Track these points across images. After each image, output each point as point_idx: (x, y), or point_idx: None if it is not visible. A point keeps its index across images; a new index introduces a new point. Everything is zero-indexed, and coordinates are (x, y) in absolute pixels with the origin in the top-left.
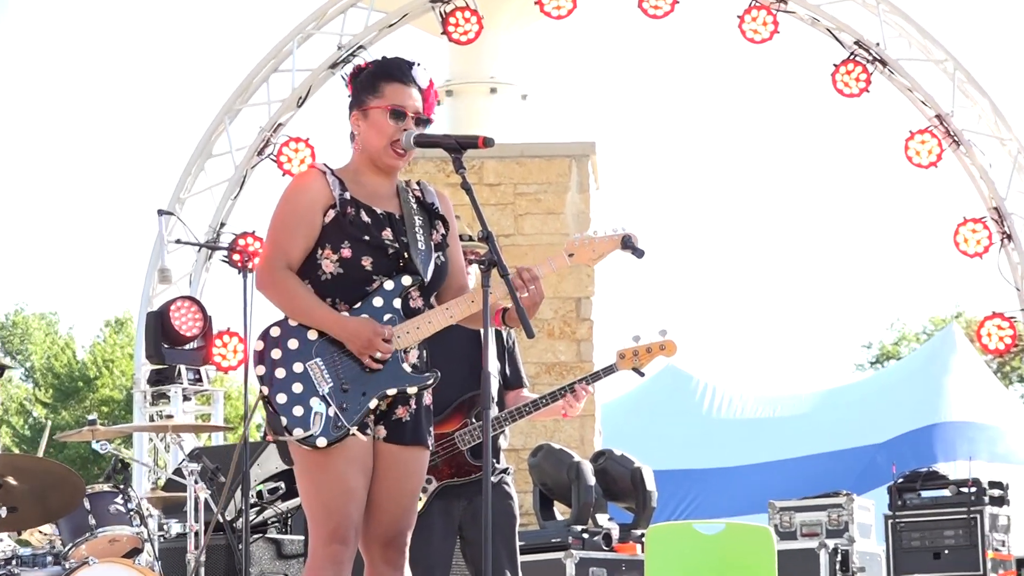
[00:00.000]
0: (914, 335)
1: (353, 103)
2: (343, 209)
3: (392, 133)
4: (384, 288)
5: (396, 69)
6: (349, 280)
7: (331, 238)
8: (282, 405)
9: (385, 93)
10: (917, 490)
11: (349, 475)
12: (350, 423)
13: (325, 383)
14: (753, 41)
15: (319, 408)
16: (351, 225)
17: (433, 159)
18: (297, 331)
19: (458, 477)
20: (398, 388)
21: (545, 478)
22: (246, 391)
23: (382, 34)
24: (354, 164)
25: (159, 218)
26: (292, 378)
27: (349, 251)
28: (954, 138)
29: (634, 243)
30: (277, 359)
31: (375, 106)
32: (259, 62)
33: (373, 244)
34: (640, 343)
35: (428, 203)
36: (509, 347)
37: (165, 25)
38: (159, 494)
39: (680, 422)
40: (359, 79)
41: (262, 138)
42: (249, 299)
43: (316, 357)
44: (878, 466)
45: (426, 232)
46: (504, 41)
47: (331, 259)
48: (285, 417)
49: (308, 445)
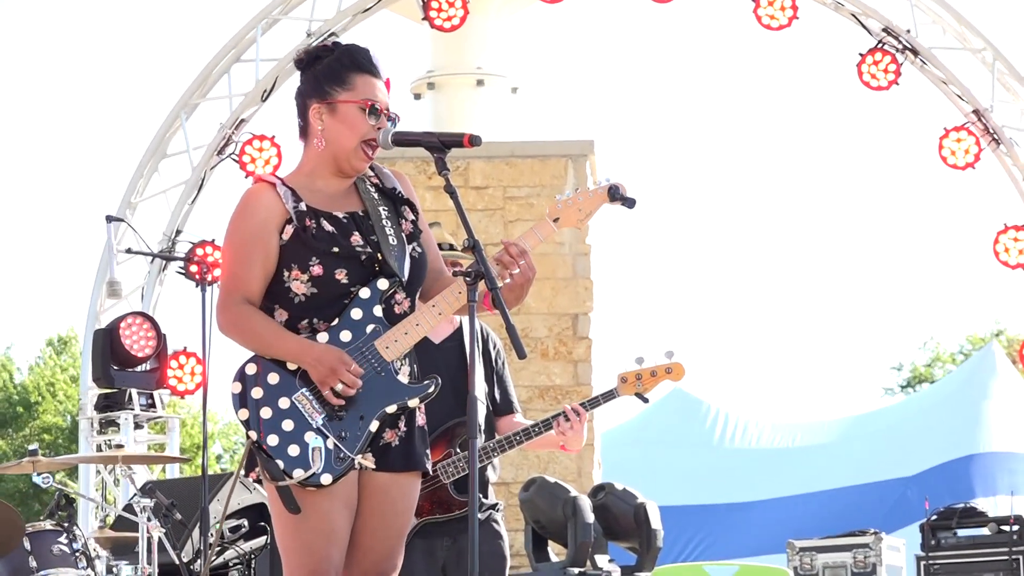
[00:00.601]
0: (949, 355)
1: (312, 93)
2: (301, 223)
3: (366, 131)
4: (360, 297)
5: (365, 59)
6: (325, 298)
7: (296, 257)
8: (275, 447)
9: (356, 85)
10: (953, 528)
11: (333, 513)
12: (353, 452)
13: (317, 414)
14: (770, 28)
15: (316, 443)
16: (315, 239)
17: (413, 159)
18: (275, 364)
19: (441, 513)
20: (398, 403)
21: (538, 515)
22: (205, 418)
23: (356, 20)
24: (308, 166)
25: (107, 225)
26: (280, 416)
27: (320, 267)
28: (993, 136)
29: (623, 193)
30: (259, 398)
31: (346, 100)
32: (219, 51)
33: (344, 254)
34: (644, 366)
35: (389, 188)
36: (498, 369)
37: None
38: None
39: (689, 452)
40: (321, 67)
41: (222, 136)
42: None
43: (302, 388)
44: (909, 501)
45: (394, 223)
46: (492, 28)
47: (301, 280)
48: (282, 460)
49: (312, 485)
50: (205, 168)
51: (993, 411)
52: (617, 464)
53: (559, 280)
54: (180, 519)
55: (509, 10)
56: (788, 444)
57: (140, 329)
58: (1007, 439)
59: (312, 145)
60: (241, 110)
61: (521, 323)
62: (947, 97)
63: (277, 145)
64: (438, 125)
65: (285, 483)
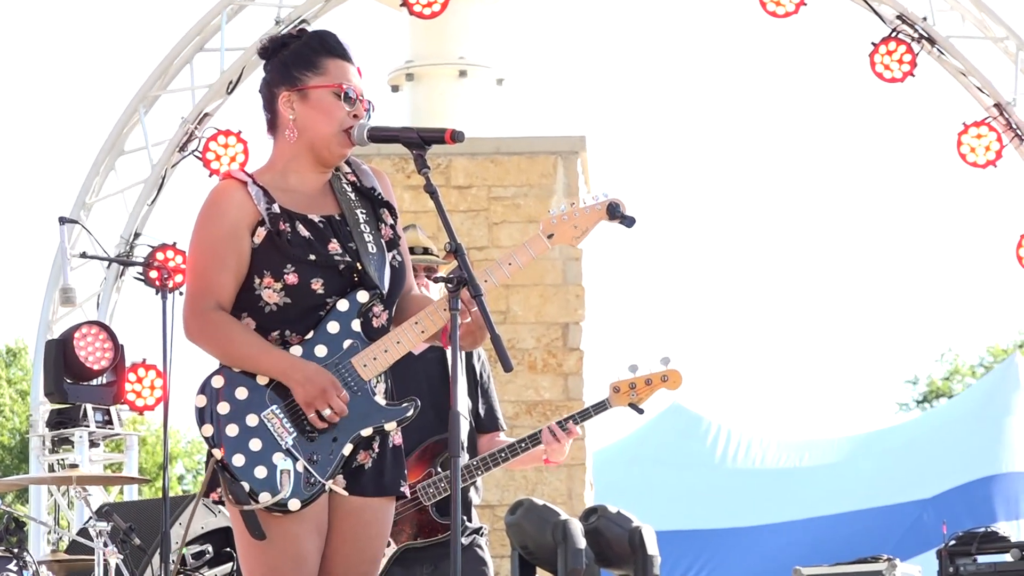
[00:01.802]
0: (969, 368)
1: (281, 80)
2: (275, 226)
3: (343, 119)
4: (338, 310)
5: (335, 42)
6: (299, 309)
7: (269, 263)
8: (241, 468)
9: (329, 70)
10: (972, 554)
11: (302, 537)
12: (324, 476)
13: (287, 434)
14: (775, 15)
15: (285, 465)
16: (290, 245)
17: (391, 156)
18: (243, 378)
19: (421, 538)
20: (374, 426)
21: (526, 539)
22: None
23: (329, 6)
24: (281, 161)
25: (60, 227)
26: (247, 434)
27: (295, 276)
28: (1016, 131)
29: (622, 211)
30: (225, 414)
31: (318, 85)
32: (181, 39)
33: (321, 263)
34: (638, 374)
35: (367, 188)
36: (483, 382)
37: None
38: (61, 558)
39: (688, 473)
40: (288, 53)
41: (184, 131)
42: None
43: (271, 405)
44: (925, 525)
45: (373, 229)
46: (476, 15)
47: (274, 288)
48: (247, 482)
49: (279, 510)
50: (165, 166)
51: (1016, 428)
52: (610, 485)
53: (548, 287)
54: (139, 544)
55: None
56: (795, 464)
57: (96, 339)
58: None
59: (283, 138)
60: (205, 103)
61: (507, 333)
62: (966, 90)
63: (243, 141)
64: (417, 119)
65: (250, 507)
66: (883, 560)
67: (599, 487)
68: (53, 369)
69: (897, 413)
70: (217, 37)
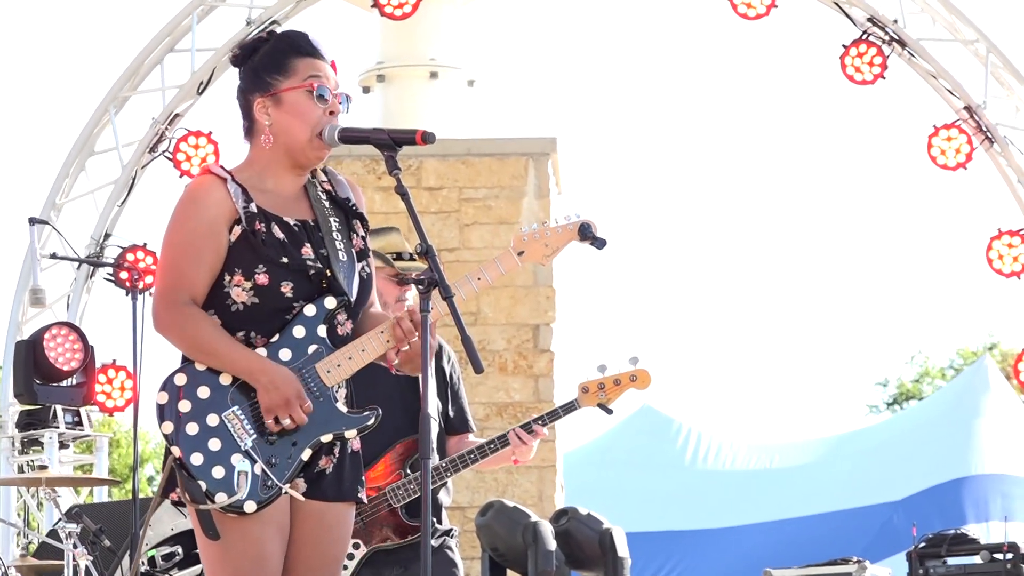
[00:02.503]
0: (939, 371)
1: (254, 87)
2: (251, 225)
3: (319, 119)
4: (305, 315)
5: (304, 41)
6: (266, 310)
7: (241, 261)
8: (199, 467)
9: (299, 70)
10: (942, 556)
11: (265, 539)
12: (281, 480)
13: (247, 435)
14: (746, 17)
15: (243, 466)
16: (265, 245)
17: (361, 158)
18: (207, 376)
19: (391, 540)
20: (334, 433)
21: (496, 541)
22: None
23: (300, 6)
24: (259, 163)
25: (30, 228)
26: (207, 433)
27: (266, 277)
28: (987, 134)
29: (593, 232)
30: (187, 412)
31: (290, 87)
32: (151, 40)
33: (293, 266)
34: (607, 374)
35: (343, 198)
36: (453, 384)
37: None
38: (30, 561)
39: (658, 474)
40: (257, 58)
41: (155, 132)
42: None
43: (233, 406)
44: (895, 527)
45: (345, 238)
46: (447, 16)
47: (244, 287)
48: (204, 481)
49: (235, 511)
50: (136, 167)
51: (986, 430)
52: (581, 487)
53: (518, 288)
54: (109, 546)
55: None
56: (765, 466)
57: (66, 340)
58: (1001, 460)
59: (259, 143)
60: (175, 104)
61: (478, 334)
62: (937, 92)
63: (214, 142)
64: (388, 121)
65: (206, 507)
66: (853, 562)
67: (570, 489)
68: (23, 370)
69: (867, 415)
70: (188, 38)
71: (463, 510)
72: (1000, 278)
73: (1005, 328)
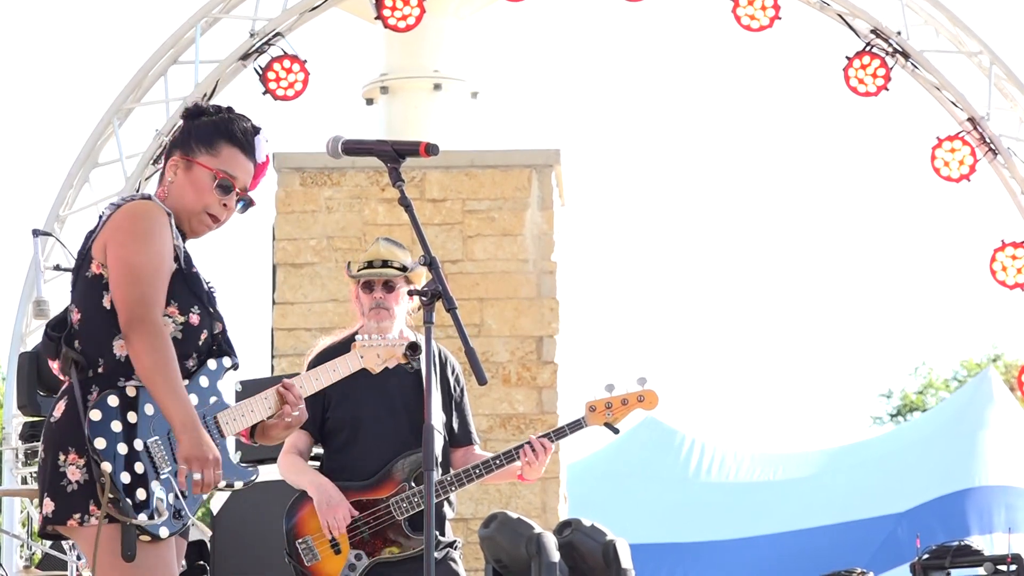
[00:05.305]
0: (943, 382)
1: (178, 144)
2: (188, 266)
3: (210, 204)
4: (208, 367)
5: (242, 133)
6: (181, 348)
7: (178, 295)
8: (126, 486)
9: (221, 154)
10: (946, 568)
11: (173, 566)
12: (192, 512)
13: (166, 465)
14: (750, 29)
15: (160, 493)
16: (198, 287)
17: (365, 170)
18: (134, 403)
19: (394, 552)
20: (227, 481)
21: (499, 553)
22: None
23: (303, 19)
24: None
25: (34, 240)
26: (133, 456)
27: (197, 318)
28: (990, 146)
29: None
30: (118, 432)
31: (204, 164)
32: (155, 52)
33: (214, 318)
34: (614, 393)
35: None
36: (456, 396)
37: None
38: (33, 573)
39: (662, 486)
40: (197, 122)
41: (158, 143)
42: None
43: (155, 435)
44: (899, 539)
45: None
46: (450, 28)
47: (175, 320)
48: (130, 499)
49: (150, 535)
50: (140, 178)
51: (990, 442)
52: (584, 498)
53: (522, 300)
54: None
55: (469, 9)
56: (769, 477)
57: None
58: (1005, 472)
59: (158, 193)
60: (178, 116)
61: (481, 346)
62: (940, 104)
63: None
64: (392, 132)
65: (131, 521)
66: (857, 574)
67: (573, 500)
68: (26, 382)
69: (871, 427)
70: (191, 50)
71: (467, 522)
72: (1004, 290)
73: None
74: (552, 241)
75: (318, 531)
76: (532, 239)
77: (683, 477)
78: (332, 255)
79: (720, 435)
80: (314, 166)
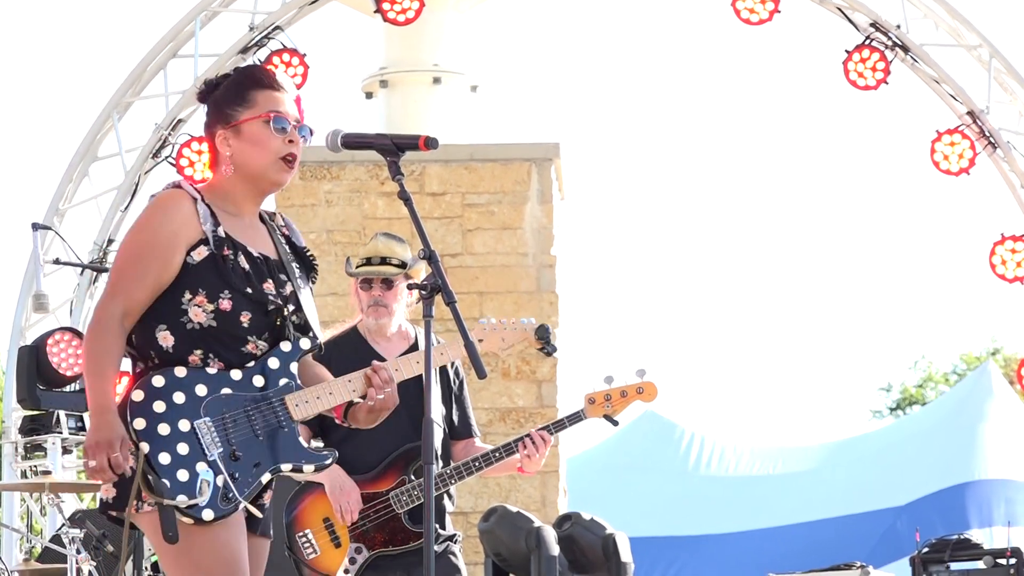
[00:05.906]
0: (942, 376)
1: (215, 120)
2: (220, 250)
3: (278, 147)
4: (281, 349)
5: (264, 74)
6: (222, 335)
7: (206, 283)
8: (165, 467)
9: (258, 101)
10: (945, 562)
11: (232, 542)
12: (242, 495)
13: (215, 447)
14: (749, 22)
15: (206, 475)
16: (233, 273)
17: (364, 163)
18: (184, 383)
19: (394, 546)
20: (294, 464)
21: (499, 547)
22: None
23: (303, 12)
24: (220, 191)
25: (34, 233)
26: (177, 437)
27: (229, 303)
28: (990, 139)
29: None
30: (161, 413)
31: (249, 118)
32: (154, 46)
33: (255, 298)
34: (614, 386)
35: (301, 248)
36: (456, 390)
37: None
38: (33, 566)
39: (662, 480)
40: (218, 92)
41: (158, 137)
42: None
43: (205, 416)
44: (898, 533)
45: (306, 284)
46: (450, 21)
47: (205, 308)
48: (168, 480)
49: (192, 516)
50: (139, 172)
51: (989, 436)
52: (584, 492)
53: (522, 294)
54: (112, 551)
55: (468, 3)
56: (768, 471)
57: (69, 346)
58: (1004, 466)
59: (220, 173)
60: (178, 110)
61: None
62: (940, 97)
63: None
64: (391, 126)
65: (166, 503)
66: (856, 567)
67: (573, 494)
68: (26, 376)
69: (870, 420)
70: (191, 43)
71: (466, 515)
72: (1003, 283)
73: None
74: (552, 235)
75: (318, 524)
76: (532, 233)
77: (683, 470)
78: (332, 249)
79: (720, 428)
80: (313, 160)
